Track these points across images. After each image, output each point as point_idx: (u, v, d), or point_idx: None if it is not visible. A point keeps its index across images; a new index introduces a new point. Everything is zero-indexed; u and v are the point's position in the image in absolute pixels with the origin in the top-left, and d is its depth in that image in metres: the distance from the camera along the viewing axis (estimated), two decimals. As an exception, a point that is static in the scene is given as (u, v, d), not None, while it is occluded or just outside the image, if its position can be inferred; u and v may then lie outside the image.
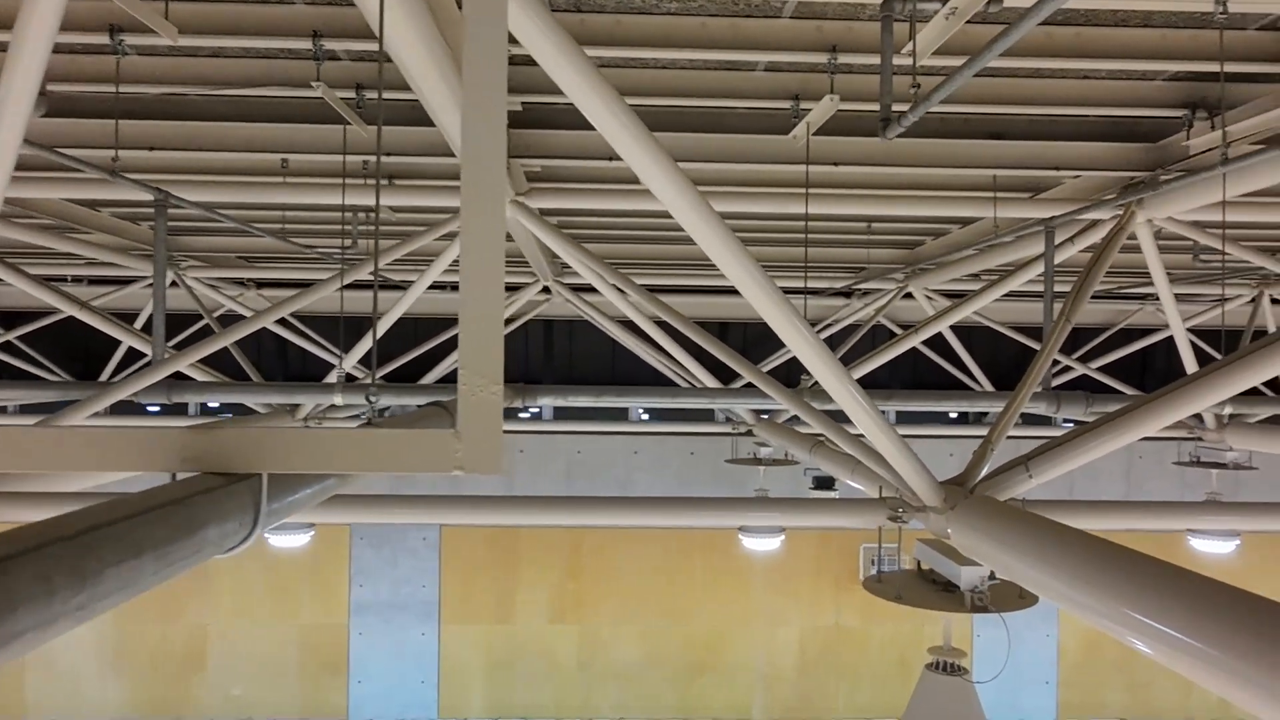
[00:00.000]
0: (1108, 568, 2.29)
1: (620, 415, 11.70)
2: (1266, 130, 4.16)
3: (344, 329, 6.71)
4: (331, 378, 7.07)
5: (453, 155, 4.81)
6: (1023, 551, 2.59)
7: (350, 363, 6.70)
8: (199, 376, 7.20)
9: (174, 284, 8.64)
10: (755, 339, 10.78)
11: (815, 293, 10.31)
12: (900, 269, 8.83)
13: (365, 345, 6.72)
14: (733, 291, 10.61)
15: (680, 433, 11.16)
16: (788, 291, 9.98)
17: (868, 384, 8.24)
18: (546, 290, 9.09)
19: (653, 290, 9.44)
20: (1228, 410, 6.70)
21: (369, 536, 11.80)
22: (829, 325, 10.16)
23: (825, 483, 7.11)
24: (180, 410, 10.80)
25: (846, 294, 10.64)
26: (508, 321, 9.82)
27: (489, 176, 1.37)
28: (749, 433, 8.09)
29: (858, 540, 11.16)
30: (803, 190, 5.86)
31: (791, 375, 9.72)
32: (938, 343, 9.93)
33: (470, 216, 1.37)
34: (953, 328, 9.64)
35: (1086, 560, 2.36)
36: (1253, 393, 8.40)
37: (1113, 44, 4.15)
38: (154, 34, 3.51)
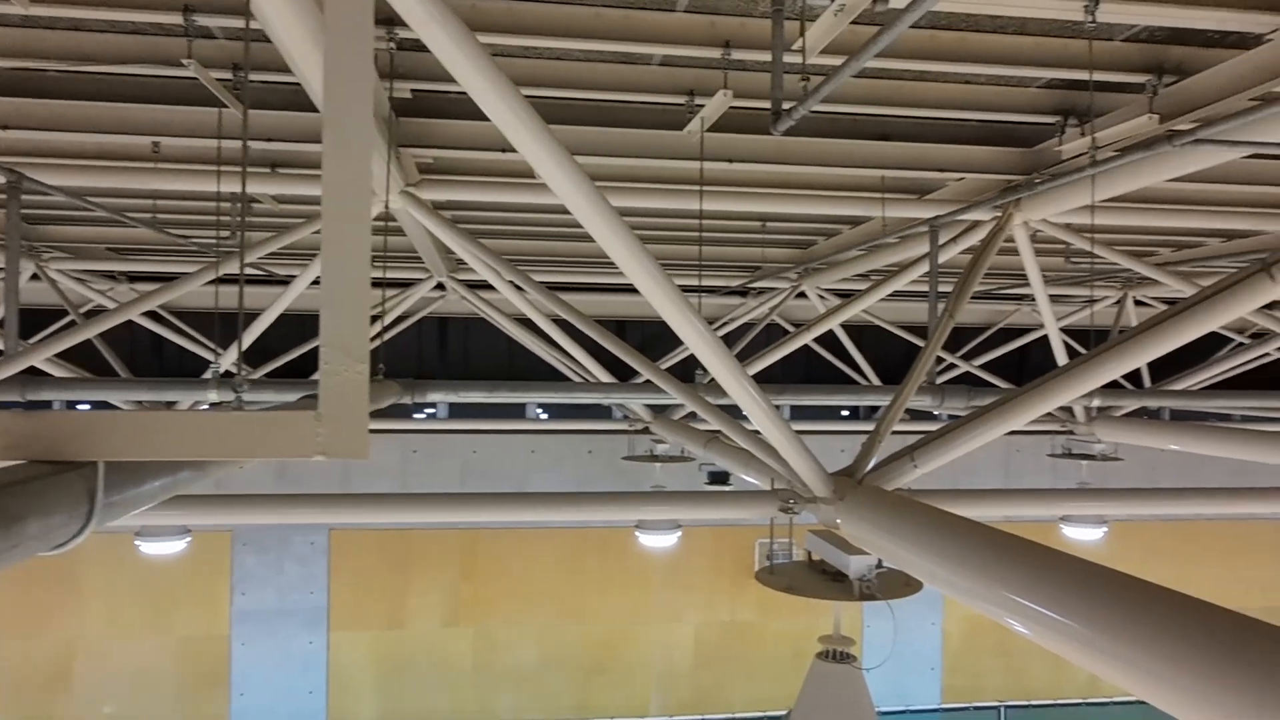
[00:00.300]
0: (986, 552, 2.35)
1: (517, 413, 11.55)
2: (1131, 137, 4.37)
3: (219, 324, 6.37)
4: (209, 374, 6.72)
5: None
6: (906, 539, 2.65)
7: (230, 359, 6.38)
8: (59, 374, 6.72)
9: (35, 277, 8.07)
10: (653, 337, 10.81)
11: (712, 291, 10.40)
12: (794, 268, 8.99)
13: (245, 341, 6.41)
14: (632, 290, 10.58)
15: (578, 430, 11.09)
16: (685, 289, 9.96)
17: (763, 380, 8.37)
18: (441, 287, 8.89)
19: (551, 287, 9.32)
20: (1095, 404, 7.07)
21: (252, 542, 11.30)
22: (726, 323, 10.29)
23: (720, 478, 7.18)
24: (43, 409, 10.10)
25: (742, 292, 10.79)
26: (400, 319, 9.57)
27: (351, 133, 1.28)
28: (646, 430, 8.10)
29: (753, 536, 11.34)
30: (698, 187, 5.90)
31: (688, 373, 9.76)
32: (830, 341, 10.17)
33: (332, 176, 1.27)
34: (844, 326, 9.91)
35: (966, 545, 2.42)
36: (1117, 387, 8.91)
37: (992, 50, 4.30)
38: (3, 2, 3.25)
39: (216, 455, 1.23)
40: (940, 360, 10.07)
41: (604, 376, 7.12)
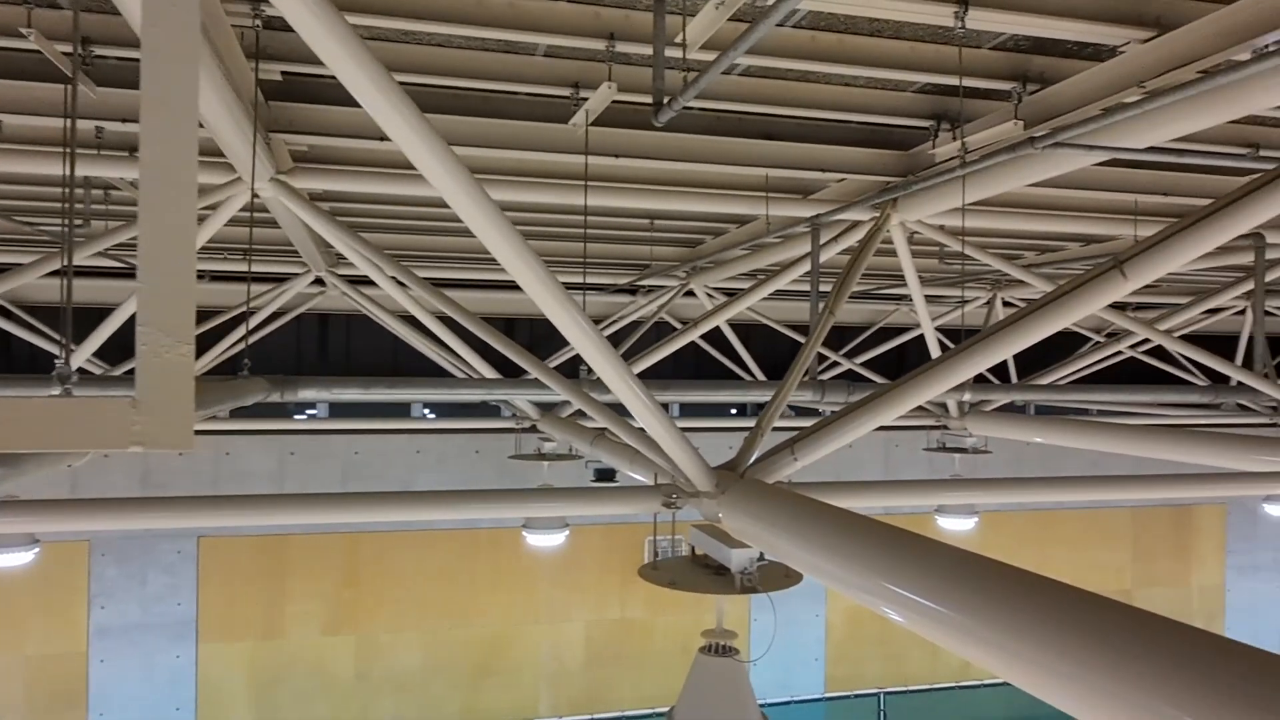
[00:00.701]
0: (862, 541, 2.38)
1: (402, 412, 11.23)
2: (998, 141, 4.55)
3: (66, 319, 5.92)
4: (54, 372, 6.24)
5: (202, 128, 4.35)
6: (784, 530, 2.67)
7: (82, 356, 5.95)
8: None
9: None
10: (542, 336, 10.69)
11: (600, 288, 10.37)
12: (682, 266, 9.05)
13: (101, 337, 5.99)
14: (519, 286, 10.43)
15: (463, 430, 10.87)
16: (570, 286, 9.88)
17: (652, 378, 8.38)
18: (320, 282, 8.55)
19: (437, 284, 9.10)
20: (967, 399, 7.37)
21: (112, 552, 10.61)
22: (614, 321, 10.28)
23: (606, 475, 7.14)
24: None
25: (631, 290, 10.80)
26: (275, 315, 9.16)
27: (169, 90, 1.16)
28: (533, 428, 8.00)
29: (643, 533, 11.36)
30: (583, 182, 5.85)
31: (575, 371, 9.72)
32: (719, 340, 10.30)
33: (151, 134, 1.14)
34: (732, 325, 10.05)
35: (842, 535, 2.44)
36: (986, 383, 9.32)
37: (869, 52, 4.40)
38: None
39: (15, 446, 1.09)
40: (824, 358, 10.34)
41: (490, 374, 6.98)
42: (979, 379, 4.78)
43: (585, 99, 4.52)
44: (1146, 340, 8.43)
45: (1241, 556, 15.15)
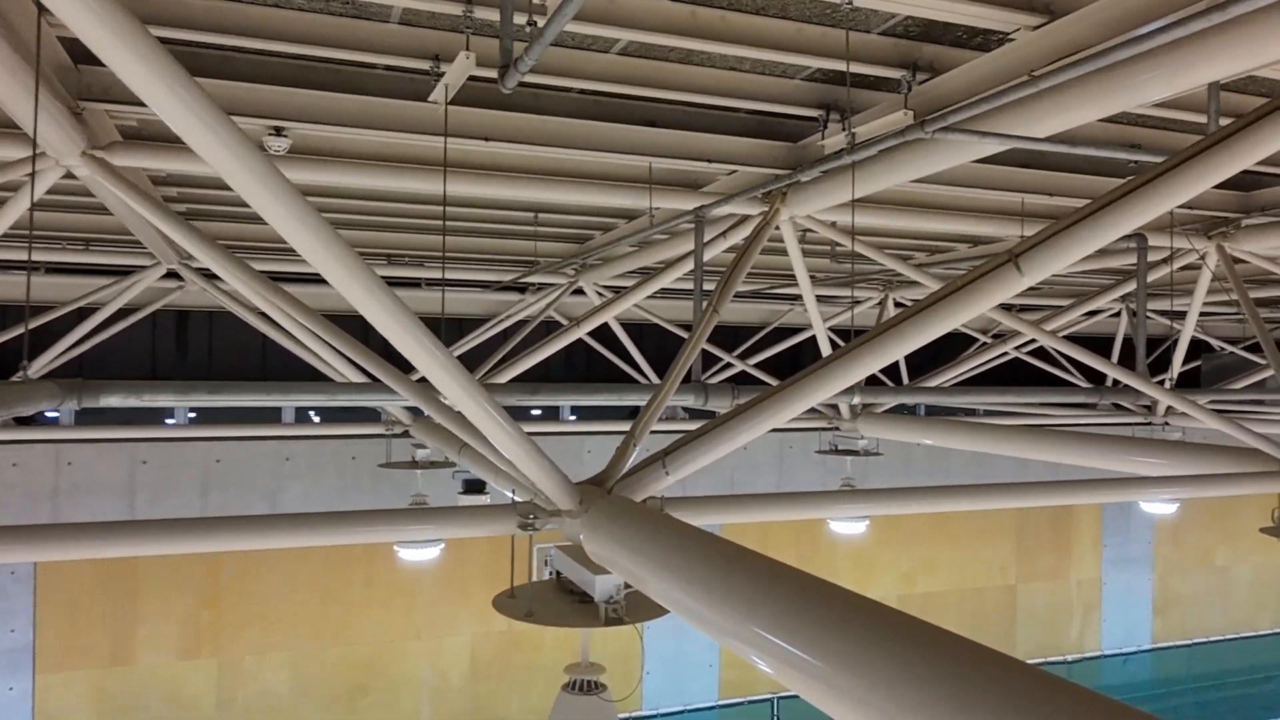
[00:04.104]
0: (730, 575, 2.04)
1: (271, 417, 10.47)
2: (888, 133, 4.33)
3: None
4: None
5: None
6: (644, 557, 2.32)
7: None
8: None
9: None
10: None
11: (485, 285, 9.89)
12: (571, 263, 8.67)
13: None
14: (399, 284, 9.78)
15: (335, 435, 10.18)
16: (431, 282, 9.30)
17: (541, 379, 7.95)
18: (176, 276, 7.82)
19: (301, 280, 8.43)
20: (858, 401, 7.22)
21: (-68, 577, 9.52)
22: (501, 320, 9.82)
23: (476, 485, 6.70)
24: None
25: (520, 289, 10.36)
26: (125, 312, 8.35)
27: None
28: (405, 434, 7.48)
29: (533, 540, 10.86)
30: (456, 169, 5.41)
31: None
32: (612, 341, 9.95)
33: None
34: (624, 325, 9.72)
35: (706, 566, 2.11)
36: (878, 385, 9.26)
37: (753, 32, 4.11)
38: None
39: None
40: (716, 359, 10.11)
41: (356, 377, 6.43)
42: (871, 380, 4.62)
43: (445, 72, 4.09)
44: (1031, 341, 8.49)
45: (1116, 550, 15.72)
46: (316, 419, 10.89)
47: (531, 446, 2.84)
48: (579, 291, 9.35)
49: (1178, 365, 8.21)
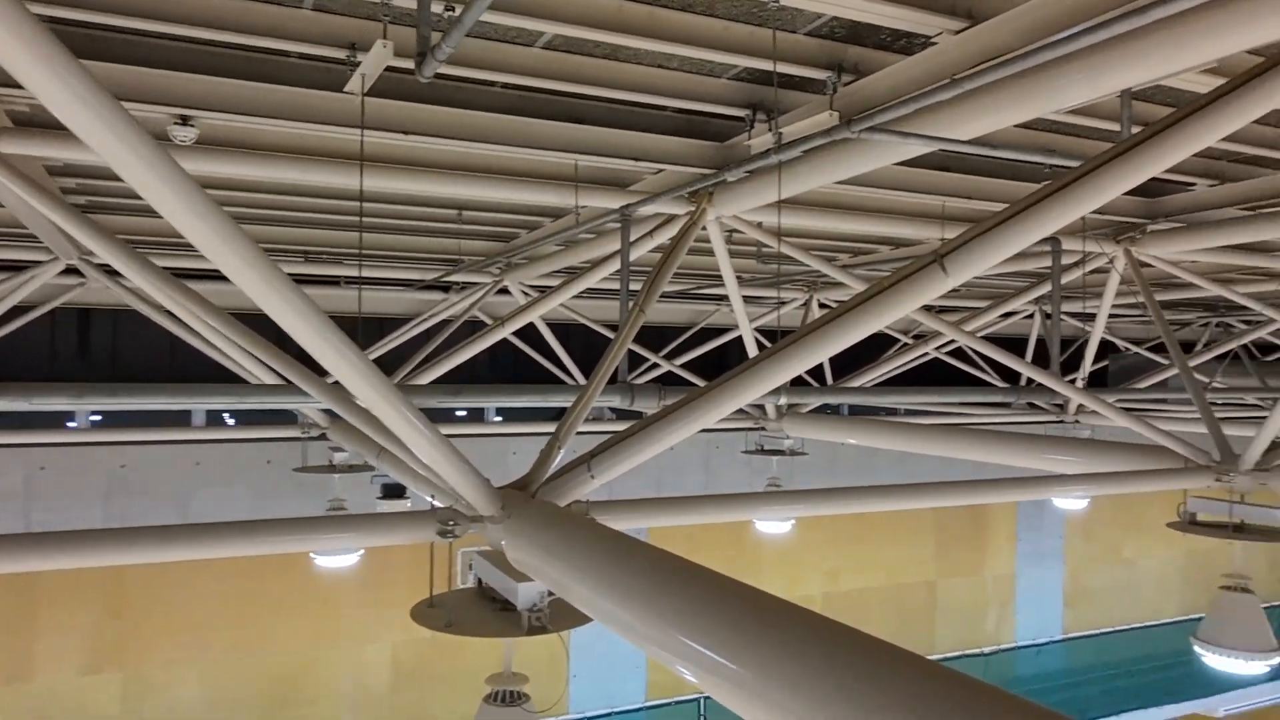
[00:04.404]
0: (654, 582, 1.98)
1: (182, 420, 10.03)
2: (814, 133, 4.34)
3: None
4: None
5: None
6: (567, 563, 2.24)
7: None
8: None
9: None
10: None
11: (407, 284, 9.67)
12: (495, 261, 8.52)
13: None
14: (316, 281, 9.43)
15: (249, 439, 9.80)
16: (349, 281, 9.00)
17: (465, 380, 7.77)
18: (76, 272, 7.43)
19: (212, 277, 8.05)
20: (784, 401, 7.26)
21: None
22: (424, 319, 9.60)
23: (395, 490, 6.51)
24: None
25: (444, 288, 10.16)
26: (21, 309, 7.90)
27: None
28: (323, 436, 7.23)
29: (456, 544, 10.65)
30: (374, 163, 5.23)
31: (384, 370, 8.99)
32: (538, 341, 9.81)
33: None
34: (551, 325, 9.60)
35: (631, 572, 2.04)
36: (803, 385, 9.35)
37: (681, 29, 4.07)
38: None
39: None
40: (643, 359, 10.07)
41: (270, 378, 6.17)
42: (796, 381, 4.64)
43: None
44: (950, 342, 8.67)
45: (1029, 545, 16.23)
46: (231, 421, 10.48)
47: (450, 450, 2.73)
48: (504, 291, 9.20)
49: (1088, 365, 8.50)
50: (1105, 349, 13.22)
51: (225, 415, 10.50)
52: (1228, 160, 6.15)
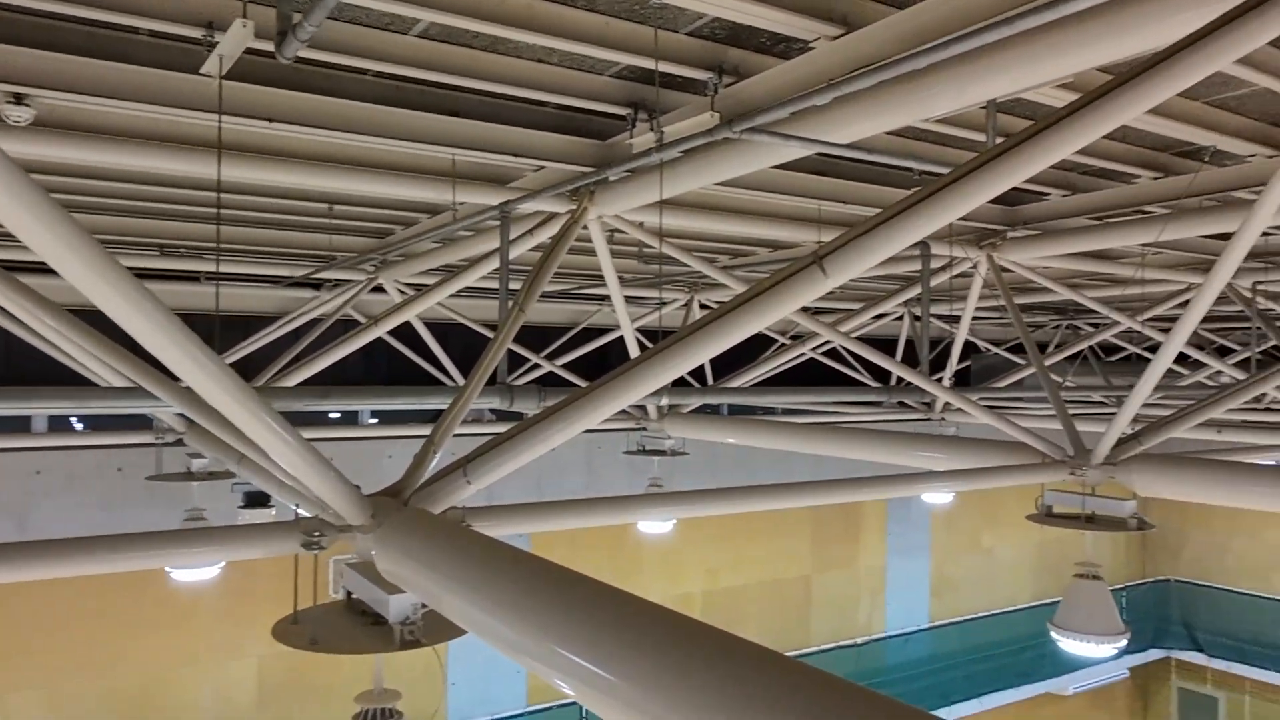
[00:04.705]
0: (533, 593, 1.89)
1: (19, 425, 9.24)
2: (696, 134, 4.34)
3: None
4: None
5: None
6: (441, 574, 2.13)
7: None
8: None
9: None
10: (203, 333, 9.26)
11: (274, 281, 9.21)
12: (369, 258, 8.22)
13: None
14: (173, 277, 8.87)
15: (97, 445, 9.11)
16: (208, 277, 8.53)
17: (339, 382, 7.45)
18: (-108, 263, 6.70)
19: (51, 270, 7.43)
20: (665, 402, 7.28)
21: None
22: (293, 318, 9.16)
23: (258, 499, 6.18)
24: None
25: (315, 285, 9.74)
26: None
27: None
28: (180, 442, 6.78)
29: (327, 552, 10.21)
30: (235, 151, 4.94)
31: (249, 371, 8.52)
32: (416, 341, 9.52)
33: None
34: (429, 325, 9.33)
35: (508, 582, 1.95)
36: (685, 385, 9.41)
37: (561, 23, 3.99)
38: None
39: None
40: (524, 360, 9.92)
41: (120, 380, 5.73)
42: (677, 381, 4.64)
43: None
44: (826, 342, 8.90)
45: (899, 538, 16.89)
46: (80, 425, 9.73)
47: (314, 456, 2.56)
48: (379, 289, 8.89)
49: (953, 365, 8.89)
50: (968, 349, 13.89)
51: (72, 420, 9.74)
52: (1079, 173, 6.53)
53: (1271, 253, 8.40)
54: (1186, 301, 9.25)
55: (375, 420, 11.72)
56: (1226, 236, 7.94)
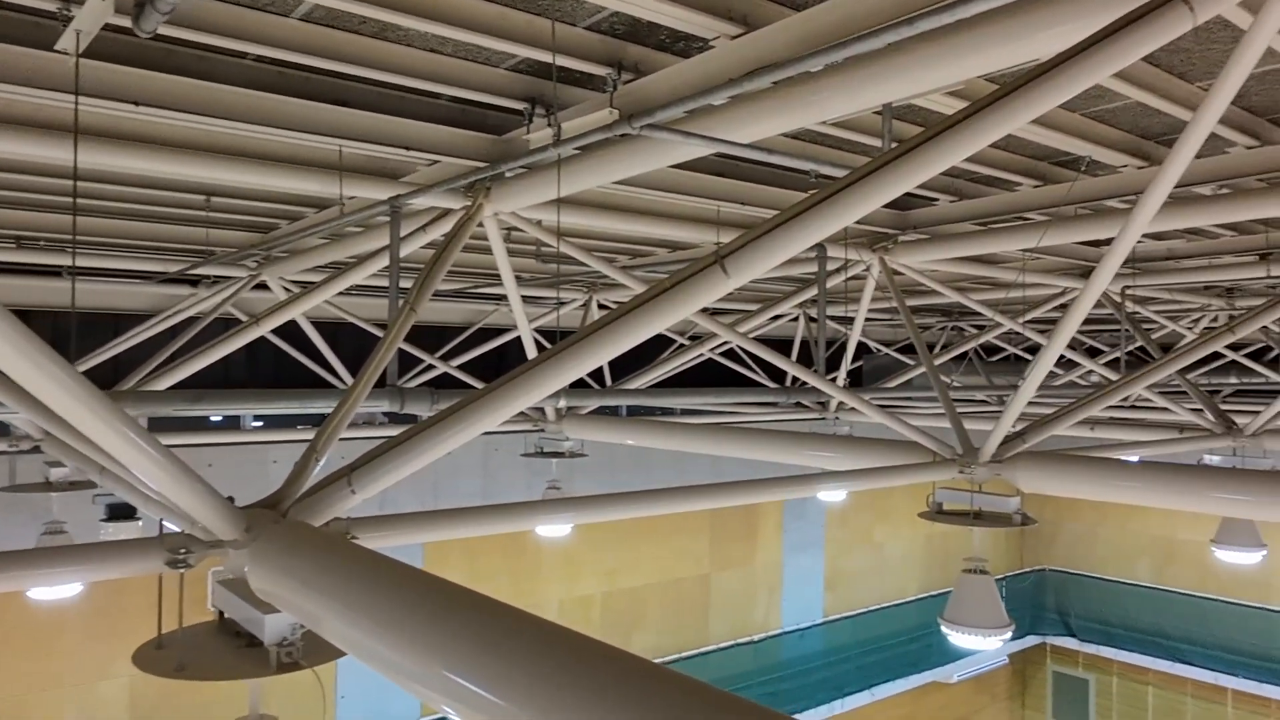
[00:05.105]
0: (418, 611, 1.77)
1: None
2: (594, 130, 4.25)
3: None
4: None
5: None
6: (314, 590, 1.98)
7: None
8: None
9: None
10: (64, 334, 8.61)
11: (146, 276, 8.66)
12: (251, 254, 7.81)
13: None
14: (30, 271, 8.25)
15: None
16: (56, 270, 7.96)
17: (217, 385, 7.04)
18: None
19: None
20: (563, 403, 7.17)
21: None
22: (169, 316, 8.64)
23: (123, 511, 5.77)
24: None
25: (193, 281, 9.21)
26: None
27: None
28: (37, 449, 6.28)
29: (206, 565, 9.66)
30: (97, 136, 4.58)
31: (119, 373, 7.98)
32: (304, 341, 9.11)
33: None
34: (318, 325, 8.94)
35: (392, 600, 1.82)
36: (583, 387, 9.32)
37: (454, 11, 3.84)
38: None
39: None
40: (418, 361, 9.64)
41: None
42: (576, 382, 4.55)
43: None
44: (724, 343, 8.95)
45: (795, 534, 17.21)
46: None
47: (178, 467, 2.35)
48: (262, 286, 8.47)
49: (847, 365, 9.07)
50: (860, 350, 14.25)
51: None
52: (965, 179, 6.73)
53: (1139, 259, 8.88)
54: (1063, 305, 9.70)
55: (260, 424, 11.19)
56: (1099, 243, 8.40)
